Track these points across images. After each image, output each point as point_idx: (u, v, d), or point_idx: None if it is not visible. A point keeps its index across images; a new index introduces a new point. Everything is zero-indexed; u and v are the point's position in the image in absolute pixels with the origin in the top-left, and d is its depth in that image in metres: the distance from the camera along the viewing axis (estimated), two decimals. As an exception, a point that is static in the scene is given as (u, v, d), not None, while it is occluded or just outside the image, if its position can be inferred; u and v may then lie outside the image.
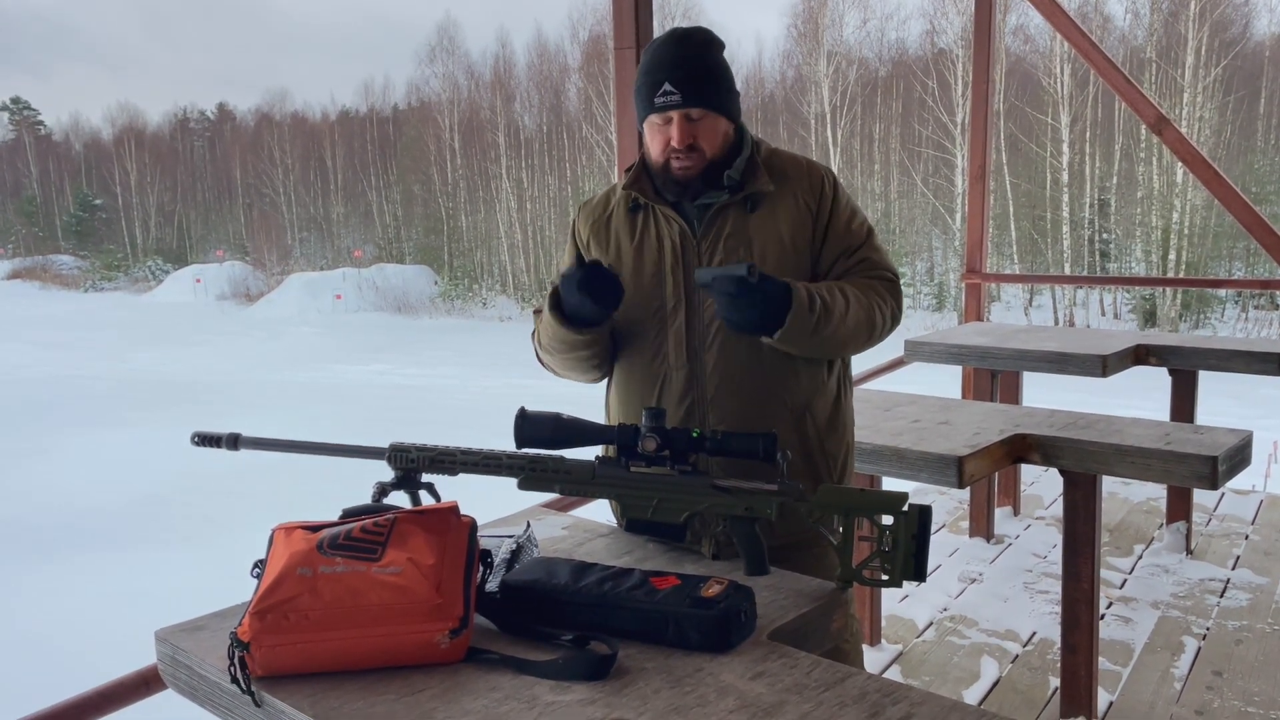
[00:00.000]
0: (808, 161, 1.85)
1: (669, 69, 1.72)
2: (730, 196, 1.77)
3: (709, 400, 1.78)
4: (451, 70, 39.07)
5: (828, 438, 1.84)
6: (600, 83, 32.56)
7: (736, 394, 1.77)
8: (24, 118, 56.55)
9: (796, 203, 1.79)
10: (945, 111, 27.83)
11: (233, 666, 1.20)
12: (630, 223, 1.85)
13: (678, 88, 1.70)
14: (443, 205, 37.86)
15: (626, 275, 1.83)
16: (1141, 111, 4.85)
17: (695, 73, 1.72)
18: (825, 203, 1.80)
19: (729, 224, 1.77)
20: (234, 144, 49.27)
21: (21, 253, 51.14)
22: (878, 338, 1.80)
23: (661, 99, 1.71)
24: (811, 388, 1.80)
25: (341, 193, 44.25)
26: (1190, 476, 2.39)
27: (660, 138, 1.76)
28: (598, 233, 1.89)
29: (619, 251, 1.85)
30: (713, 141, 1.74)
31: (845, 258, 1.81)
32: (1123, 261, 25.83)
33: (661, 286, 1.80)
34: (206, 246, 47.40)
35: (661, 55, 1.74)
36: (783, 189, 1.79)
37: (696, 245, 1.78)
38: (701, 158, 1.74)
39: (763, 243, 1.77)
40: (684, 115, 1.72)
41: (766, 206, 1.78)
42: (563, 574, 1.39)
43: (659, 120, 1.74)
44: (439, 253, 37.87)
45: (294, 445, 1.56)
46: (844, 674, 1.21)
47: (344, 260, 40.78)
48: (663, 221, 1.80)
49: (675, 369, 1.79)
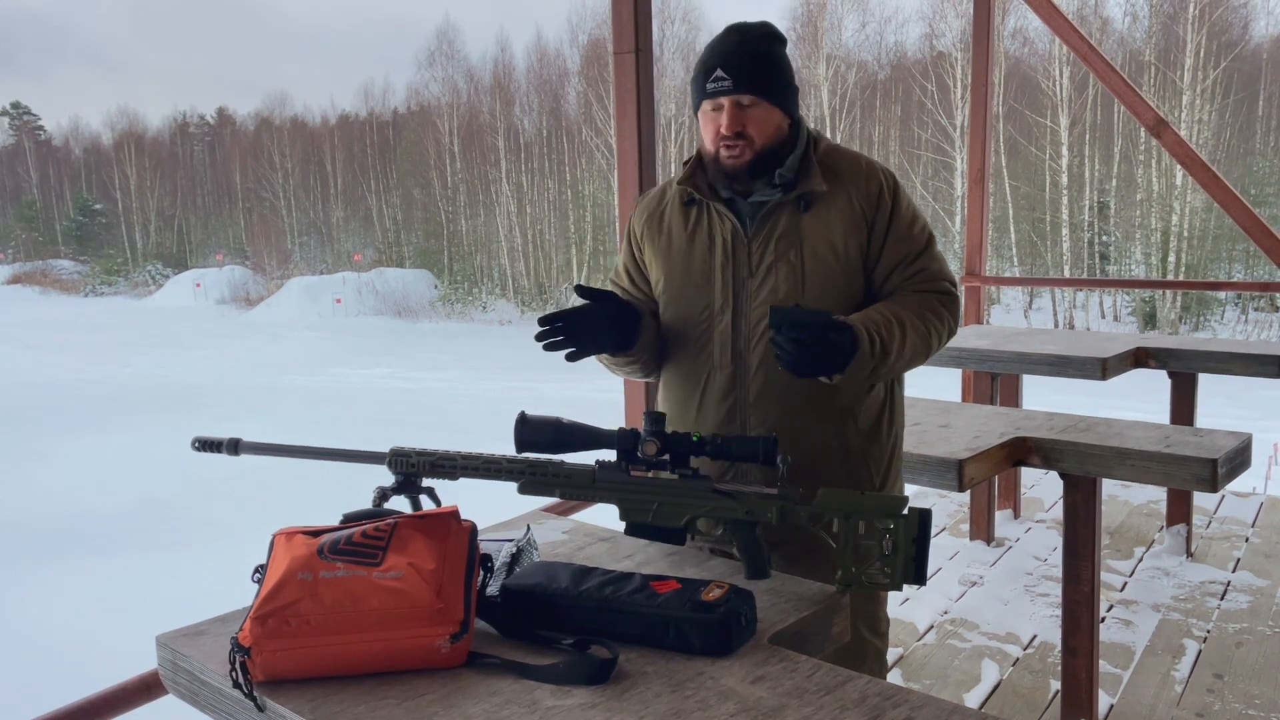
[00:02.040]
0: (868, 162, 1.81)
1: (722, 56, 1.71)
2: (783, 195, 1.75)
3: (751, 402, 1.77)
4: (451, 74, 39.10)
5: (871, 443, 1.81)
6: (600, 87, 32.57)
7: (779, 397, 1.76)
8: (24, 122, 56.58)
9: (851, 205, 1.75)
10: (944, 114, 27.84)
11: (234, 671, 1.20)
12: (684, 218, 1.84)
13: (729, 74, 1.69)
14: (442, 209, 37.85)
15: (677, 271, 1.82)
16: (1140, 114, 4.86)
17: (748, 60, 1.71)
18: (884, 208, 1.77)
19: (781, 224, 1.75)
20: (234, 148, 49.29)
21: (21, 257, 51.12)
22: (930, 358, 1.79)
23: (713, 84, 1.70)
24: (856, 394, 1.79)
25: (341, 197, 44.26)
26: (1190, 479, 2.39)
27: (712, 126, 1.74)
28: (651, 228, 1.88)
29: (670, 247, 1.84)
30: (763, 131, 1.72)
31: (904, 267, 1.77)
32: (1122, 264, 25.83)
33: (710, 285, 1.79)
34: (206, 251, 47.38)
35: (719, 45, 1.74)
36: (837, 190, 1.76)
37: (747, 244, 1.77)
38: (750, 147, 1.72)
39: (814, 244, 1.74)
40: (734, 102, 1.70)
41: (820, 207, 1.75)
42: (563, 578, 1.39)
43: (710, 108, 1.73)
44: (439, 256, 37.86)
45: (294, 450, 1.56)
46: (844, 678, 1.21)
47: (344, 264, 40.77)
48: (716, 219, 1.79)
49: (719, 368, 1.79)
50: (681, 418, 1.86)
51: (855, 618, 1.83)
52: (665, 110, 31.90)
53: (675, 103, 32.22)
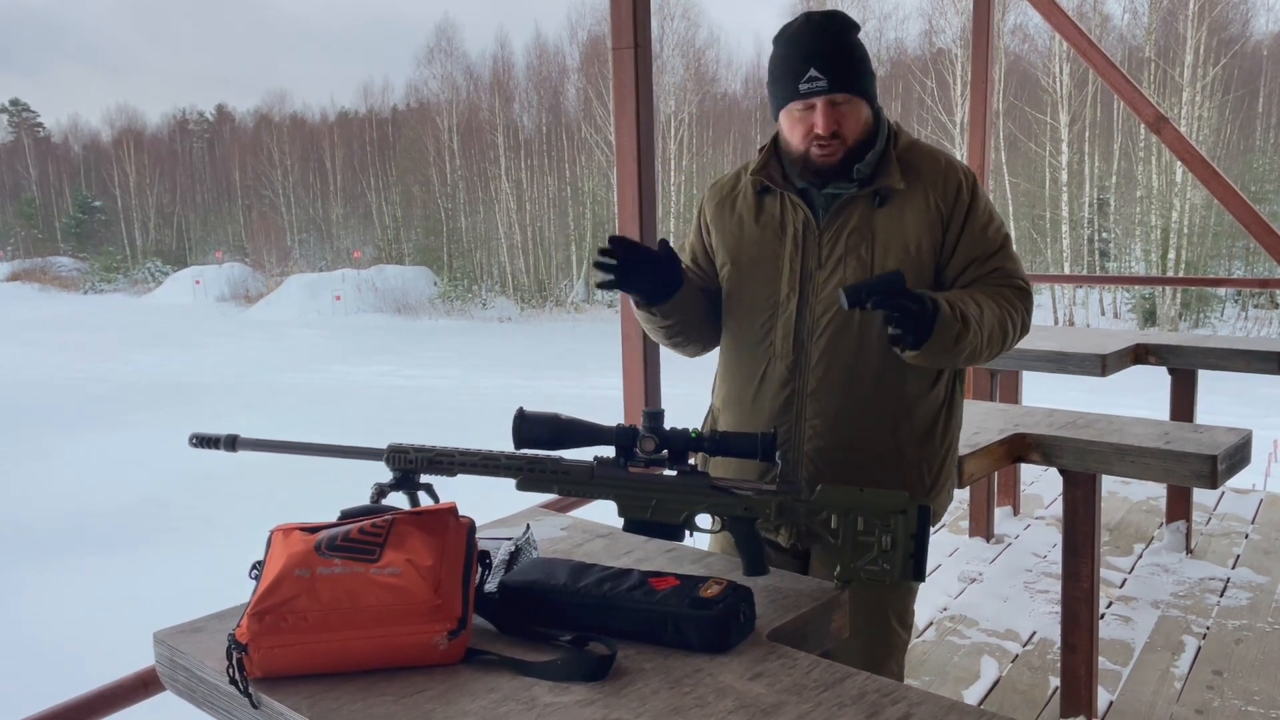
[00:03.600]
0: (946, 159, 1.79)
1: (813, 54, 1.67)
2: (859, 189, 1.73)
3: (809, 392, 1.76)
4: (450, 71, 39.07)
5: (926, 442, 1.80)
6: (600, 83, 32.54)
7: (837, 390, 1.75)
8: (23, 119, 56.54)
9: (928, 203, 1.74)
10: (944, 111, 27.82)
11: (231, 668, 1.20)
12: (756, 205, 1.83)
13: (824, 73, 1.66)
14: (442, 206, 37.84)
15: (745, 257, 1.82)
16: (1140, 110, 4.85)
17: (840, 57, 1.68)
18: (960, 207, 1.75)
19: (854, 218, 1.74)
20: (233, 145, 49.25)
21: (21, 254, 51.10)
22: (1008, 347, 1.76)
23: (807, 85, 1.67)
24: (916, 393, 1.78)
25: (341, 194, 44.24)
26: (1190, 475, 2.39)
27: (802, 125, 1.71)
28: (721, 212, 1.88)
29: (741, 233, 1.83)
30: (855, 128, 1.71)
31: (978, 265, 1.76)
32: (1122, 261, 25.84)
33: (778, 273, 1.78)
34: (206, 248, 47.36)
35: (804, 39, 1.70)
36: (915, 186, 1.74)
37: (819, 236, 1.75)
38: (842, 145, 1.70)
39: (886, 240, 1.73)
40: (829, 101, 1.67)
41: (895, 203, 1.73)
42: (561, 574, 1.38)
43: (800, 107, 1.70)
44: (438, 254, 37.86)
45: (292, 446, 1.55)
46: (843, 674, 1.20)
47: (343, 261, 40.75)
48: (789, 208, 1.78)
49: (780, 357, 1.78)
50: (738, 404, 1.85)
51: (886, 609, 1.83)
52: (665, 106, 31.89)
53: (675, 99, 32.21)
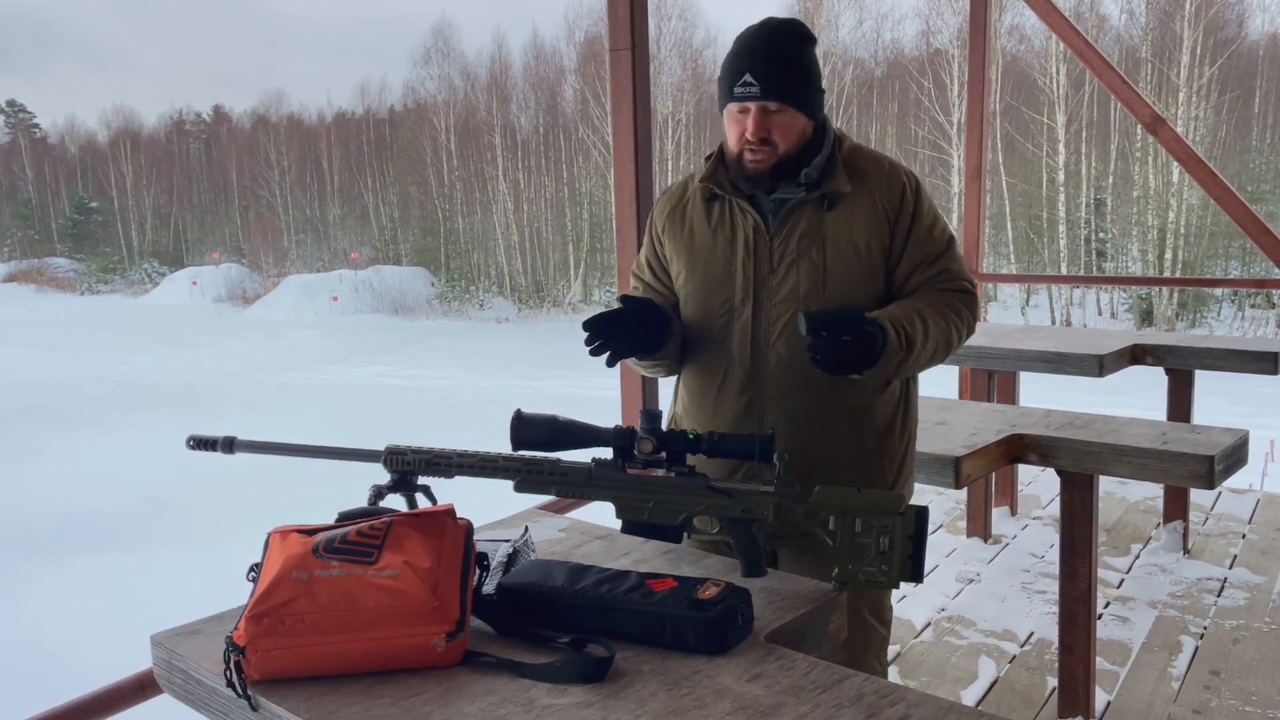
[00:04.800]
0: (890, 163, 1.82)
1: (752, 59, 1.69)
2: (807, 194, 1.75)
3: (769, 396, 1.78)
4: (447, 71, 39.03)
5: (886, 439, 1.83)
6: (597, 84, 32.53)
7: (797, 392, 1.77)
8: (19, 120, 56.46)
9: (874, 205, 1.76)
10: (941, 111, 27.84)
11: (228, 671, 1.20)
12: (706, 213, 1.84)
13: (758, 79, 1.68)
14: (439, 207, 37.82)
15: (699, 266, 1.83)
16: (1137, 111, 4.86)
17: (778, 65, 1.69)
18: (906, 210, 1.78)
19: (804, 222, 1.76)
20: (230, 146, 49.18)
21: (17, 255, 51.02)
22: (952, 354, 1.81)
23: (741, 89, 1.69)
24: (874, 392, 1.80)
25: (338, 194, 44.20)
26: (1187, 476, 2.39)
27: (737, 128, 1.74)
28: (673, 222, 1.89)
29: (693, 242, 1.85)
30: (788, 137, 1.72)
31: (925, 267, 1.79)
32: (1119, 261, 25.86)
33: (731, 280, 1.79)
34: (203, 249, 47.29)
35: (750, 44, 1.72)
36: (861, 190, 1.77)
37: (770, 241, 1.77)
38: (774, 152, 1.72)
39: (836, 242, 1.75)
40: (761, 108, 1.70)
41: (843, 206, 1.76)
42: (559, 576, 1.38)
43: (736, 110, 1.72)
44: (436, 254, 37.83)
45: (290, 448, 1.55)
46: (841, 675, 1.20)
47: (340, 262, 40.71)
48: (738, 214, 1.79)
49: (738, 362, 1.79)
50: (699, 409, 1.86)
51: (859, 603, 1.83)
52: (662, 107, 31.88)
53: (672, 100, 32.20)
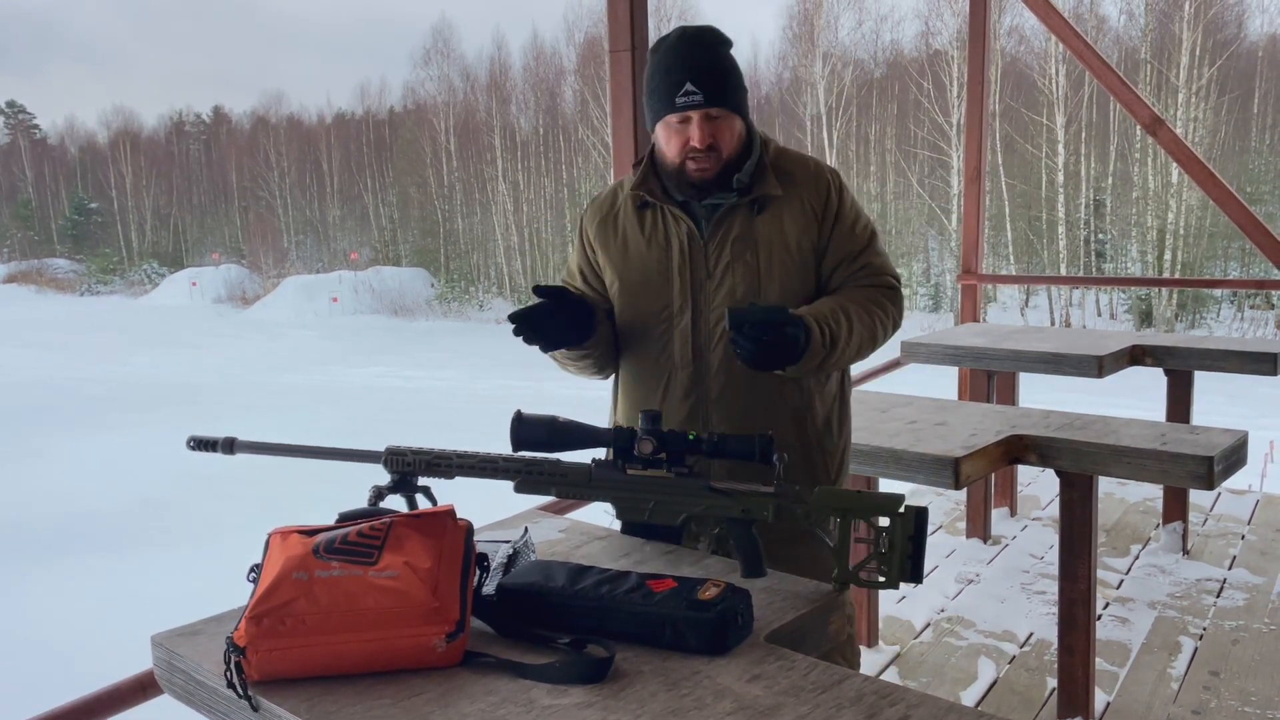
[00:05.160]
0: (814, 163, 1.85)
1: (691, 68, 1.70)
2: (738, 198, 1.77)
3: (712, 399, 1.80)
4: (447, 72, 39.06)
5: (825, 436, 1.86)
6: (596, 85, 32.55)
7: (740, 393, 1.79)
8: (19, 121, 56.47)
9: (803, 206, 1.79)
10: (941, 112, 27.85)
11: (229, 671, 1.20)
12: (638, 221, 1.85)
13: (700, 88, 1.69)
14: (439, 208, 37.83)
15: (634, 273, 1.84)
16: (1136, 112, 4.86)
17: (717, 72, 1.71)
18: (830, 208, 1.81)
19: (736, 226, 1.78)
20: (230, 147, 49.21)
21: (17, 256, 51.04)
22: (877, 349, 1.84)
23: (684, 99, 1.70)
24: (814, 389, 1.83)
25: (337, 195, 44.21)
26: (1186, 477, 2.40)
27: (678, 138, 1.74)
28: (604, 230, 1.89)
29: (626, 250, 1.86)
30: (730, 141, 1.74)
31: (849, 263, 1.82)
32: (1118, 262, 25.86)
33: (669, 286, 1.81)
34: (202, 249, 47.31)
35: (681, 54, 1.72)
36: (790, 192, 1.80)
37: (704, 246, 1.79)
38: (718, 159, 1.74)
39: (769, 245, 1.78)
40: (704, 115, 1.71)
41: (773, 209, 1.79)
42: (560, 577, 1.38)
43: (676, 120, 1.73)
44: (435, 255, 37.84)
45: (290, 449, 1.56)
46: (841, 676, 1.20)
47: (340, 263, 40.73)
48: (671, 221, 1.81)
49: (680, 368, 1.81)
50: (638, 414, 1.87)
51: None
52: (662, 108, 31.77)
53: (672, 101, 32.09)
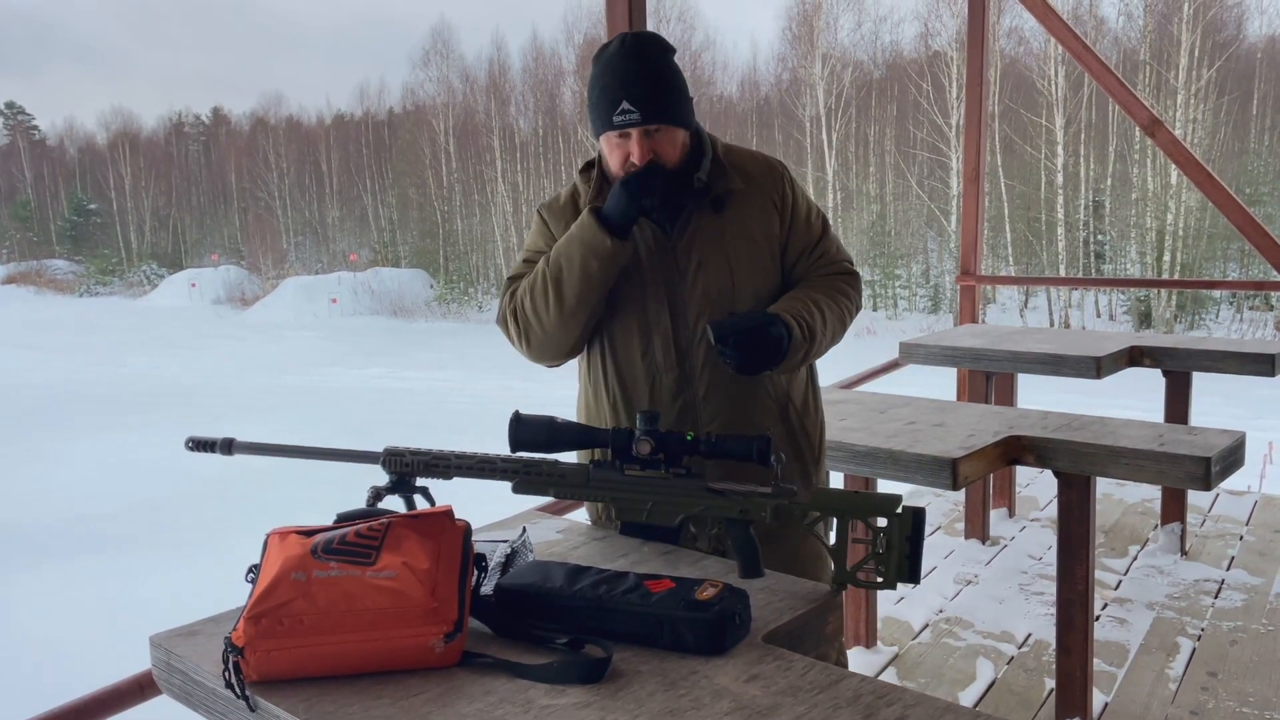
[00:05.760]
0: (764, 157, 1.87)
1: (626, 85, 1.68)
2: (700, 198, 1.79)
3: (701, 399, 1.80)
4: (446, 73, 39.08)
5: (805, 416, 1.91)
6: (595, 86, 32.51)
7: (726, 391, 1.80)
8: (18, 122, 56.46)
9: (764, 200, 1.82)
10: (940, 114, 27.87)
11: (227, 672, 1.20)
12: None
13: (637, 105, 1.68)
14: (438, 209, 37.84)
15: None
16: (1135, 113, 4.86)
17: (652, 88, 1.69)
18: (787, 201, 1.84)
19: (703, 225, 1.79)
20: (229, 148, 49.22)
21: (16, 257, 51.02)
22: (845, 335, 1.89)
23: (621, 117, 1.68)
24: (790, 377, 1.88)
25: (337, 196, 44.22)
26: (1184, 478, 2.40)
27: (620, 152, 1.73)
28: None
29: None
30: (671, 154, 1.74)
31: (809, 254, 1.85)
32: (1117, 263, 25.89)
33: (643, 290, 1.80)
34: (202, 250, 47.31)
35: (618, 68, 1.70)
36: (749, 187, 1.81)
37: (673, 249, 1.79)
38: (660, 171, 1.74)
39: (736, 240, 1.79)
40: (642, 131, 1.70)
41: (735, 205, 1.80)
42: (557, 577, 1.39)
43: (616, 136, 1.72)
44: (434, 256, 37.85)
45: (289, 450, 1.56)
46: (838, 676, 1.21)
47: (339, 264, 40.73)
48: (634, 228, 1.78)
49: (665, 370, 1.81)
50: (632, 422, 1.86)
51: None
52: (661, 110, 31.78)
53: (671, 102, 32.10)
